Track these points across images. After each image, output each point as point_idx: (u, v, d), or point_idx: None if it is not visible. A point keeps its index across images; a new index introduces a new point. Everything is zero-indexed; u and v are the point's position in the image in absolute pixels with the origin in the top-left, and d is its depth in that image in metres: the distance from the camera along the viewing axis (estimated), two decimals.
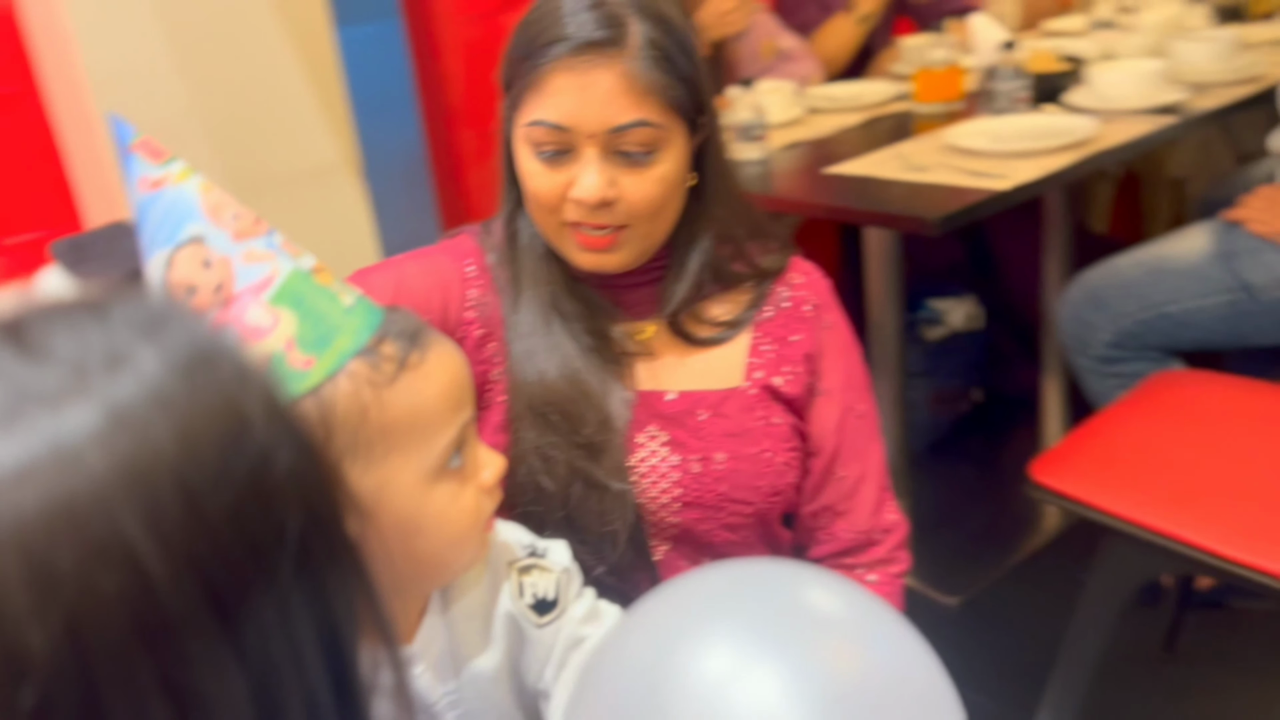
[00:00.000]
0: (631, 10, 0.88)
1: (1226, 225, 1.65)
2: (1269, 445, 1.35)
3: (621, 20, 0.87)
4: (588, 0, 0.88)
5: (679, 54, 0.90)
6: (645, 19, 0.88)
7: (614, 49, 0.87)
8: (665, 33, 0.89)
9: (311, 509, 0.41)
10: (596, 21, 0.87)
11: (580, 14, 0.87)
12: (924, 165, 1.60)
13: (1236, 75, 1.86)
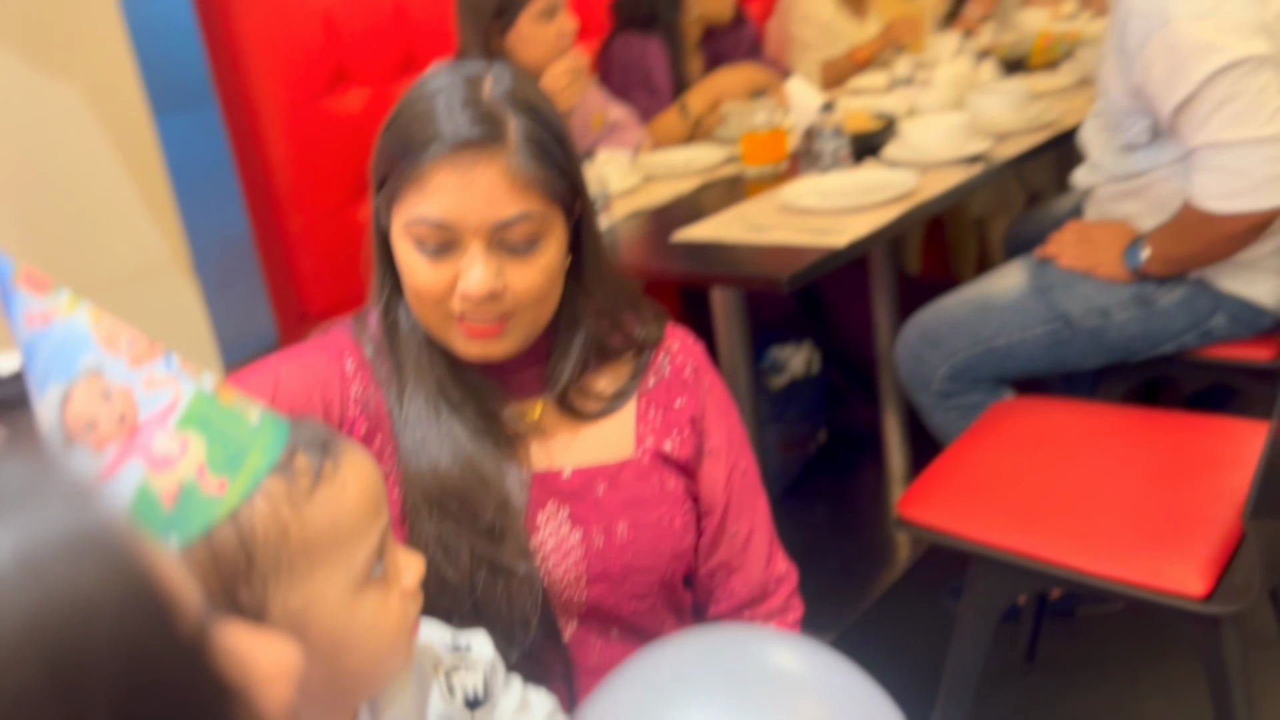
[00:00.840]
0: (507, 106, 0.90)
1: (1040, 261, 1.79)
2: (1101, 460, 1.47)
3: (499, 117, 0.89)
4: (463, 98, 0.89)
5: (555, 145, 0.92)
6: (521, 113, 0.90)
7: (494, 145, 0.88)
8: (541, 125, 0.91)
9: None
10: (475, 120, 0.88)
11: (458, 112, 0.88)
12: (765, 226, 1.67)
13: (1031, 124, 2.03)
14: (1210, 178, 1.50)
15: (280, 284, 2.50)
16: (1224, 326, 1.69)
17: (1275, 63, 1.45)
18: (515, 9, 2.02)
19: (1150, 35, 1.50)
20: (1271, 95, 1.44)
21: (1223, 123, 1.46)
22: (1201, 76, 1.45)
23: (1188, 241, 1.59)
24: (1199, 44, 1.45)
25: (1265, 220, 1.49)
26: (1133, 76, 1.56)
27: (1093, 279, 1.72)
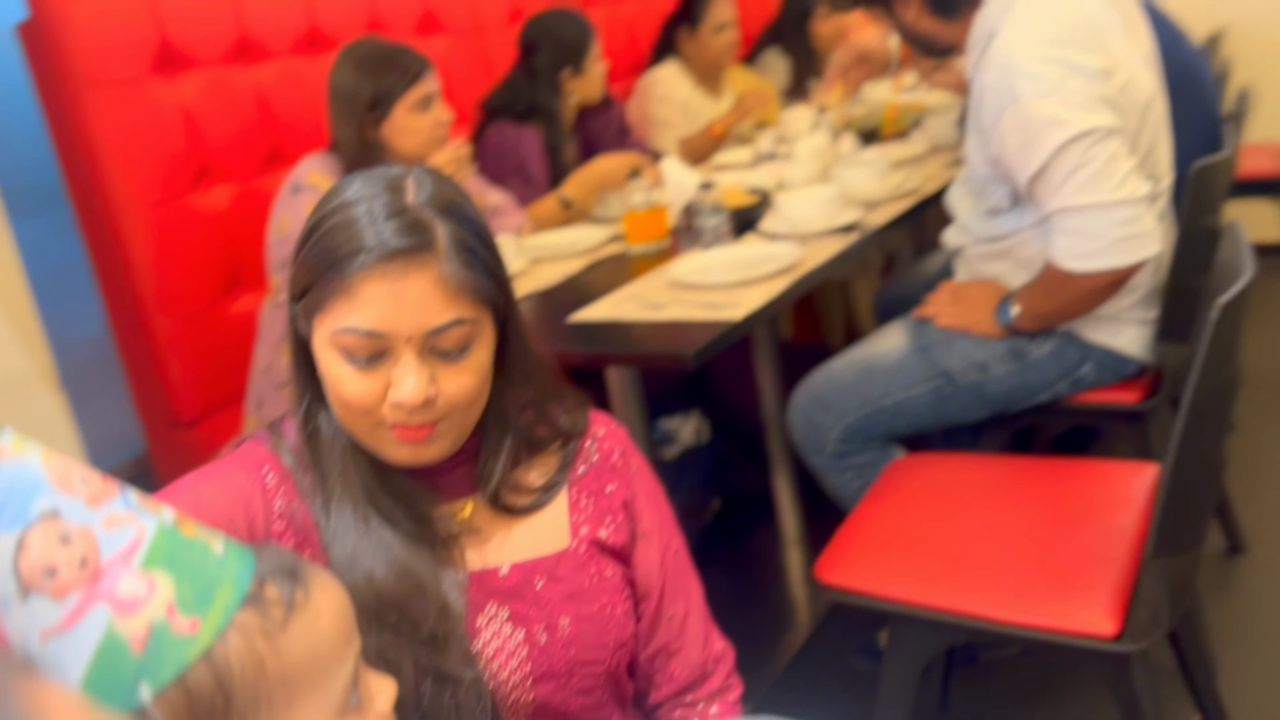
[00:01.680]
0: (434, 212, 0.89)
1: (919, 322, 1.88)
2: (999, 510, 1.53)
3: (427, 224, 0.88)
4: (391, 208, 0.88)
5: (482, 246, 0.92)
6: (448, 219, 0.89)
7: (424, 253, 0.87)
8: (468, 229, 0.91)
9: None
10: (404, 229, 0.87)
11: (384, 222, 0.87)
12: (660, 303, 1.70)
13: (895, 192, 2.14)
14: (1067, 240, 1.60)
15: (148, 391, 2.38)
16: (1093, 375, 1.80)
17: (1122, 133, 1.57)
18: (390, 100, 2.01)
19: (1002, 111, 1.60)
20: (1120, 163, 1.56)
21: (1075, 189, 1.56)
22: (1051, 148, 1.56)
23: (1053, 298, 1.70)
24: (1046, 119, 1.56)
25: (1121, 277, 1.60)
26: (990, 148, 1.67)
27: (969, 336, 1.81)
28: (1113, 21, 1.66)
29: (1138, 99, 1.64)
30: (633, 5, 3.68)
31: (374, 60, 2.03)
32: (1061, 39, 1.59)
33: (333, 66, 2.06)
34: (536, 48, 2.64)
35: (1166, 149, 1.75)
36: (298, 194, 2.02)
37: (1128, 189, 1.55)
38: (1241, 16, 3.69)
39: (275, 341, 2.17)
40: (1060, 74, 1.56)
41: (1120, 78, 1.60)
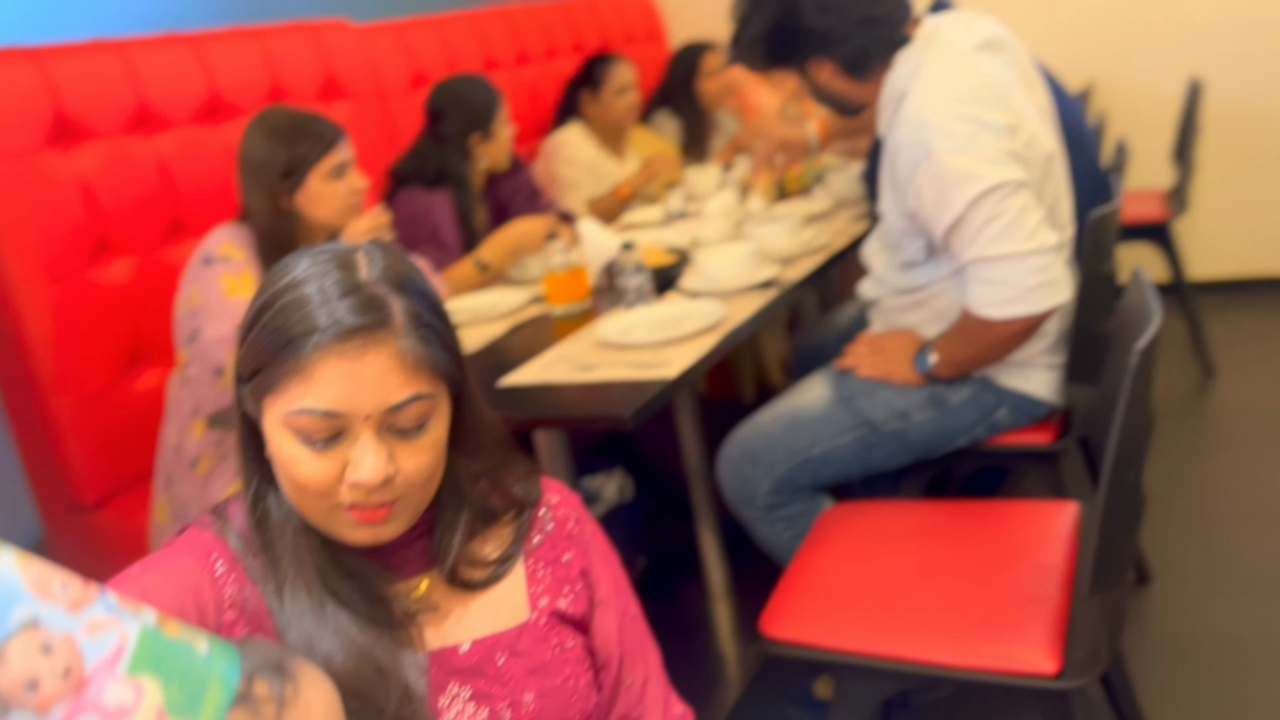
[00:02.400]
0: (389, 288, 0.88)
1: (840, 373, 1.92)
2: (932, 555, 1.56)
3: (383, 301, 0.87)
4: (344, 285, 0.87)
5: (438, 321, 0.91)
6: (403, 294, 0.88)
7: (382, 330, 0.86)
8: (423, 304, 0.90)
9: None
10: (360, 307, 0.86)
11: (340, 301, 0.86)
12: (591, 364, 1.70)
13: (807, 247, 2.20)
14: (983, 288, 1.67)
15: (45, 474, 2.27)
16: (1007, 418, 1.86)
17: (1030, 186, 1.65)
18: (304, 169, 1.98)
19: (917, 166, 1.67)
20: (1030, 214, 1.63)
21: (989, 240, 1.63)
22: (966, 201, 1.62)
23: (970, 345, 1.76)
24: (960, 173, 1.62)
25: (1035, 323, 1.67)
26: (906, 203, 1.73)
27: (890, 385, 1.85)
28: (1013, 81, 1.75)
29: (1040, 153, 1.72)
30: (534, 68, 3.72)
31: (287, 129, 2.00)
32: (969, 98, 1.66)
33: (243, 136, 2.03)
34: (444, 114, 2.64)
35: (1067, 201, 1.85)
36: (209, 266, 1.97)
37: (1038, 239, 1.62)
38: (1104, 72, 3.92)
39: (185, 418, 2.10)
40: (970, 131, 1.63)
41: (1025, 133, 1.68)
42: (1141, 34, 3.85)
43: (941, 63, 1.72)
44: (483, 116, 2.62)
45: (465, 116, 2.61)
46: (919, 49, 1.76)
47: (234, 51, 2.61)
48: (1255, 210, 3.87)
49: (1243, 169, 3.83)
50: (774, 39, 1.81)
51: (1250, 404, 3.03)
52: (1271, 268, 3.90)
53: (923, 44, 1.77)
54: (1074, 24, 3.93)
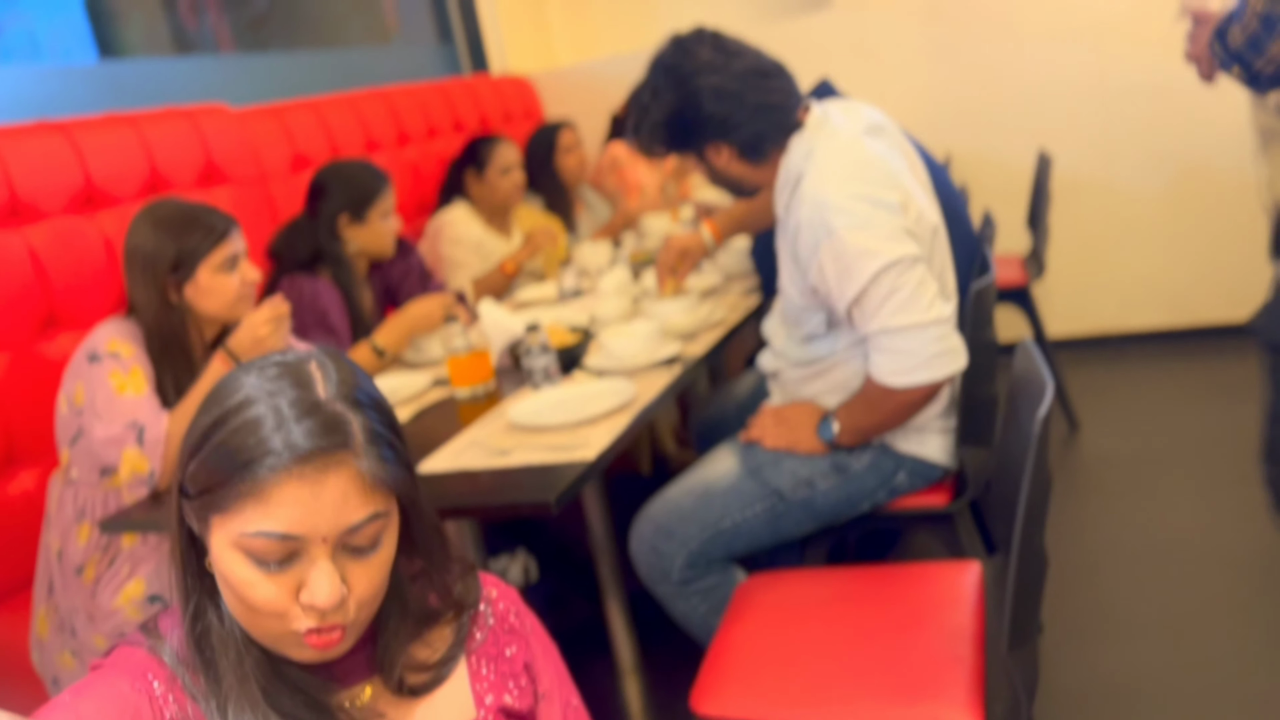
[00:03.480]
0: (346, 405, 0.87)
1: (746, 445, 1.96)
2: (849, 621, 1.61)
3: (342, 420, 0.86)
4: (302, 405, 0.85)
5: (393, 434, 0.90)
6: (360, 410, 0.87)
7: (341, 451, 0.85)
8: (379, 418, 0.89)
9: None
10: (320, 429, 0.84)
11: (299, 423, 0.84)
12: (505, 449, 1.70)
13: (705, 323, 2.25)
14: (886, 358, 1.74)
15: None
16: (906, 482, 1.93)
17: (924, 260, 1.75)
18: (194, 261, 1.93)
19: (819, 244, 1.75)
20: (927, 287, 1.72)
21: (891, 312, 1.71)
22: (867, 276, 1.70)
23: (873, 413, 1.83)
24: (860, 249, 1.71)
25: (935, 389, 1.76)
26: (808, 279, 1.80)
27: (796, 455, 1.91)
28: (899, 162, 1.86)
29: (928, 228, 1.82)
30: (415, 148, 3.73)
31: (176, 220, 1.95)
32: (862, 179, 1.76)
33: (130, 227, 1.98)
34: (321, 191, 2.60)
35: (951, 271, 1.95)
36: (95, 363, 1.89)
37: (936, 310, 1.71)
38: (960, 144, 4.16)
39: (68, 522, 2.00)
40: (866, 210, 1.72)
41: (913, 210, 1.78)
42: (994, 108, 4.11)
43: (833, 147, 1.81)
44: (358, 199, 2.55)
45: (339, 196, 2.56)
46: (811, 134, 1.86)
47: (109, 138, 2.54)
48: (1103, 271, 4.15)
49: (1090, 233, 4.10)
50: (674, 126, 1.87)
51: (1113, 454, 3.21)
52: (1119, 324, 4.18)
53: (814, 129, 1.86)
54: (932, 98, 4.17)
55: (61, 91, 2.82)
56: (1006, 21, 4.01)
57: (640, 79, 1.90)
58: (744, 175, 1.91)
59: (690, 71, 1.83)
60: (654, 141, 1.92)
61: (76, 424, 1.96)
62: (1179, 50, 3.77)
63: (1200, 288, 4.03)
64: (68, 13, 3.11)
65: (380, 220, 2.58)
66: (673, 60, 1.86)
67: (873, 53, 4.20)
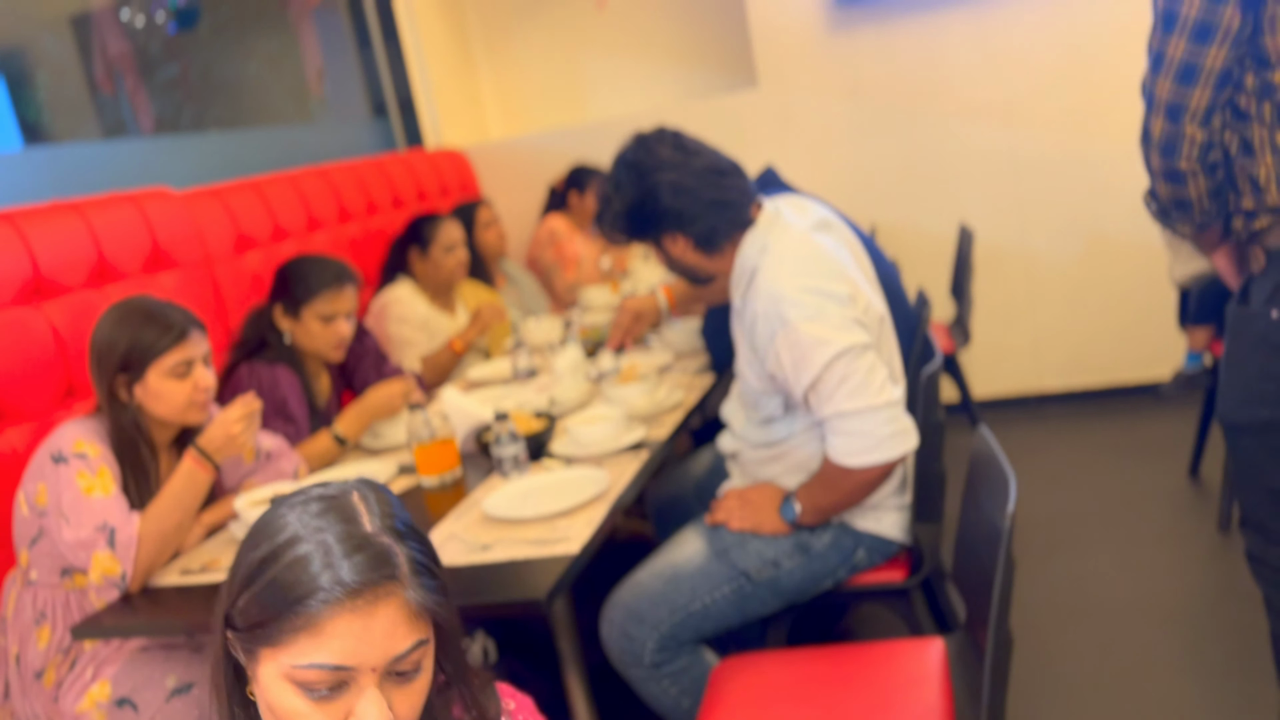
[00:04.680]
0: (391, 537, 0.90)
1: (712, 528, 2.03)
2: (823, 703, 1.67)
3: (390, 553, 0.89)
4: (351, 541, 0.88)
5: (432, 559, 0.94)
6: (404, 540, 0.91)
7: (390, 582, 0.88)
8: (421, 547, 0.93)
9: None
10: (370, 563, 0.87)
11: (348, 558, 0.87)
12: (484, 543, 1.73)
13: (666, 406, 2.32)
14: (842, 440, 1.83)
15: None
16: (865, 558, 2.02)
17: (873, 347, 1.85)
18: (143, 363, 1.93)
19: (775, 334, 1.84)
20: (878, 372, 1.82)
21: (844, 396, 1.81)
22: (821, 363, 1.80)
23: (831, 492, 1.91)
24: (814, 339, 1.80)
25: (890, 468, 1.85)
26: (766, 366, 1.89)
27: (761, 536, 1.98)
28: (846, 255, 1.97)
29: (875, 317, 1.93)
30: (356, 225, 3.75)
31: (134, 317, 1.95)
32: (813, 272, 1.86)
33: (99, 319, 1.98)
34: (275, 280, 2.61)
35: (898, 356, 2.06)
36: (61, 463, 1.87)
37: (887, 394, 1.81)
38: (882, 215, 4.35)
39: (26, 626, 1.97)
40: (818, 302, 1.82)
41: (861, 301, 1.88)
42: (914, 181, 4.31)
43: (786, 242, 1.92)
44: (296, 295, 2.52)
45: (280, 286, 2.56)
46: (764, 229, 1.96)
47: (55, 226, 2.52)
48: (1020, 335, 4.34)
49: (1007, 299, 4.30)
50: (634, 216, 1.97)
51: (1042, 512, 3.36)
52: (1036, 385, 4.37)
53: (767, 225, 1.97)
54: (855, 172, 4.35)
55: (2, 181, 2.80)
56: (924, 100, 4.22)
57: (607, 173, 2.00)
58: (698, 264, 2.01)
59: (650, 167, 1.94)
60: (616, 230, 2.03)
61: (38, 525, 1.93)
62: (1083, 126, 4.01)
63: (1111, 350, 4.25)
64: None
65: (315, 321, 2.52)
66: (634, 157, 1.97)
67: (798, 129, 4.37)
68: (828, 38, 4.27)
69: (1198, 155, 1.67)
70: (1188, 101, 1.64)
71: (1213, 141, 1.67)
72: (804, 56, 4.31)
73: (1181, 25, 1.62)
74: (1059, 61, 4.05)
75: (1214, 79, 1.63)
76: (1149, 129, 1.70)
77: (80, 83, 3.49)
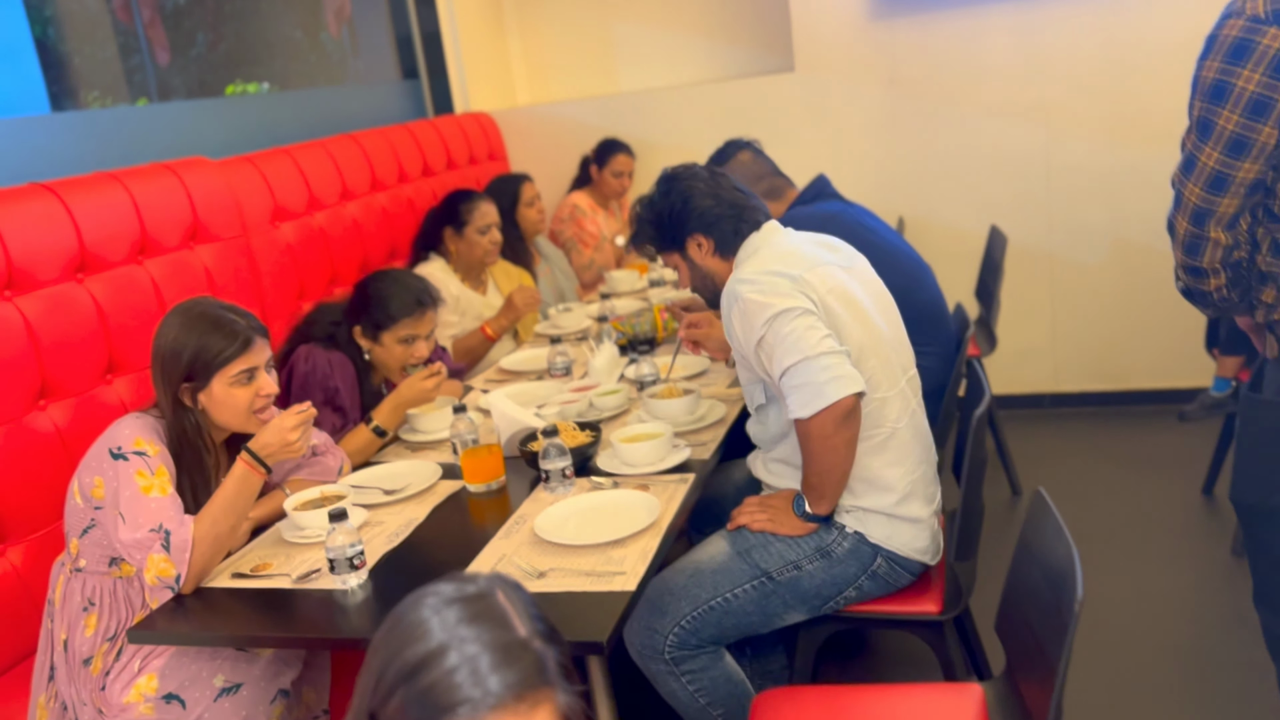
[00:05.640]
0: (543, 642, 0.92)
1: (736, 530, 2.07)
2: None
3: (543, 657, 0.91)
4: (506, 649, 0.90)
5: (570, 660, 0.96)
6: (551, 643, 0.93)
7: (545, 688, 0.90)
8: (562, 647, 0.95)
9: None
10: (528, 673, 0.89)
11: (505, 669, 0.89)
12: (540, 570, 1.76)
13: (705, 422, 2.34)
14: (792, 397, 1.89)
15: None
16: (885, 569, 2.04)
17: (817, 315, 1.91)
18: (208, 372, 1.94)
19: (730, 308, 1.99)
20: (817, 330, 1.89)
21: (785, 351, 1.89)
22: (762, 321, 1.91)
23: (809, 460, 1.94)
24: (757, 304, 1.92)
25: (839, 413, 1.86)
26: (735, 346, 2.02)
27: (783, 538, 2.02)
28: (826, 257, 2.06)
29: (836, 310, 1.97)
30: (387, 195, 3.72)
31: (200, 325, 1.95)
32: (777, 261, 2.01)
33: (161, 322, 1.98)
34: (357, 294, 2.61)
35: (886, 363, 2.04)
36: (120, 461, 1.89)
37: (824, 346, 1.88)
38: (908, 208, 4.34)
39: (74, 613, 1.99)
40: (769, 280, 1.96)
41: (821, 289, 1.96)
42: (943, 177, 4.29)
43: (774, 243, 2.10)
44: (377, 318, 2.55)
45: (363, 307, 2.57)
46: (764, 235, 2.12)
47: (100, 199, 2.51)
48: (1041, 336, 4.37)
49: (1030, 299, 4.32)
50: (665, 222, 2.16)
51: None
52: (1053, 386, 4.41)
53: (768, 231, 2.13)
54: (885, 163, 4.33)
55: (17, 143, 2.77)
56: (959, 96, 4.19)
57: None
58: (718, 270, 2.16)
59: (685, 177, 2.18)
60: (645, 237, 2.22)
61: (90, 517, 1.95)
62: (1119, 132, 3.99)
63: (1132, 356, 4.28)
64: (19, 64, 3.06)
65: (395, 344, 2.56)
66: (670, 173, 2.21)
67: (832, 117, 4.34)
68: (868, 26, 4.22)
69: (1220, 257, 1.70)
70: (1215, 208, 1.66)
71: (1238, 241, 1.69)
72: (843, 43, 4.26)
73: (1217, 137, 1.63)
74: (1098, 66, 4.02)
75: (1244, 189, 1.65)
76: (1173, 223, 1.73)
77: (109, 40, 3.44)
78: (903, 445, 2.02)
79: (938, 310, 2.63)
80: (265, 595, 1.84)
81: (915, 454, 2.05)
